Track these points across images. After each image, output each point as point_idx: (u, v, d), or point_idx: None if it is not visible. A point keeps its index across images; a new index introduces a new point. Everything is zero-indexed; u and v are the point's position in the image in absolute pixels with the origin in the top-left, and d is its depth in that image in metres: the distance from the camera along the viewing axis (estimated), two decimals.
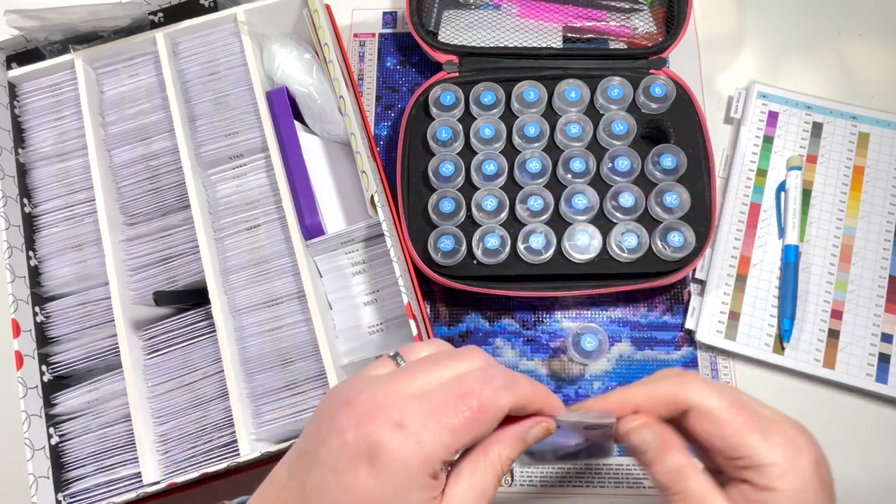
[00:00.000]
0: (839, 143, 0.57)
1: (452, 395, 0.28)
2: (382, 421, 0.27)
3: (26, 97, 0.54)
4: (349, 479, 0.27)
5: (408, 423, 0.27)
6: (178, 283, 0.50)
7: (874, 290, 0.53)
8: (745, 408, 0.32)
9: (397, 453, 0.27)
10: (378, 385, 0.29)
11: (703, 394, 0.32)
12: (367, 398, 0.28)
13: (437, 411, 0.28)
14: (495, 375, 0.30)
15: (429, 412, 0.28)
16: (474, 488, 0.29)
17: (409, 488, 0.27)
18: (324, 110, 0.53)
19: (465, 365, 0.31)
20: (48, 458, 0.46)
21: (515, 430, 0.31)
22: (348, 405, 0.28)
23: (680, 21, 0.57)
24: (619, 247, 0.51)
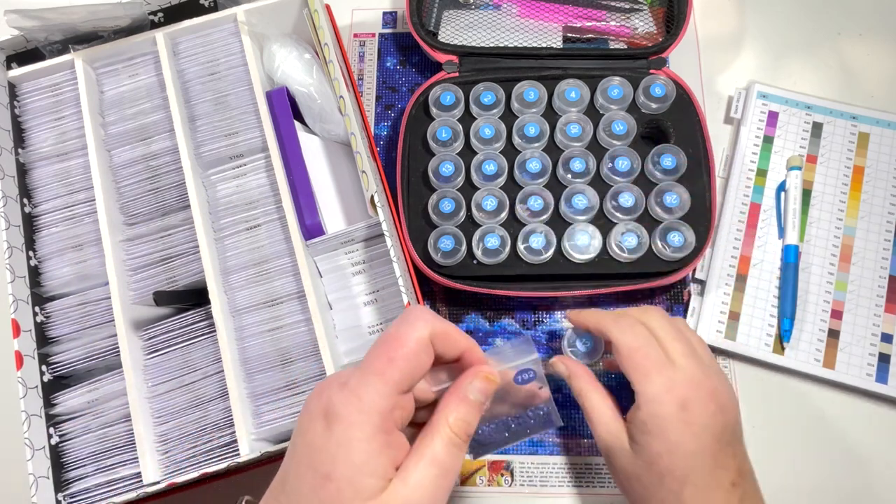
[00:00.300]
0: (839, 143, 0.57)
1: (376, 344, 0.33)
2: (331, 384, 0.32)
3: (26, 97, 0.54)
4: (309, 436, 0.31)
5: (349, 381, 0.31)
6: (178, 283, 0.50)
7: (874, 290, 0.53)
8: (642, 351, 0.42)
9: (340, 406, 0.31)
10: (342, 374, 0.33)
11: (617, 333, 0.43)
12: (332, 377, 0.33)
13: (367, 363, 0.32)
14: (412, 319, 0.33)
15: (364, 366, 0.32)
16: (433, 461, 0.32)
17: (353, 438, 0.30)
18: (324, 110, 0.53)
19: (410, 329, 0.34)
20: (48, 458, 0.46)
21: (455, 391, 0.34)
22: (317, 386, 0.33)
23: (680, 21, 0.57)
24: (619, 247, 0.51)
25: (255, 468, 0.50)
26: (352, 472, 0.30)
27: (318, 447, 0.31)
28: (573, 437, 0.53)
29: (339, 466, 0.30)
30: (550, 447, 0.52)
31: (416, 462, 0.31)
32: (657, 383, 0.41)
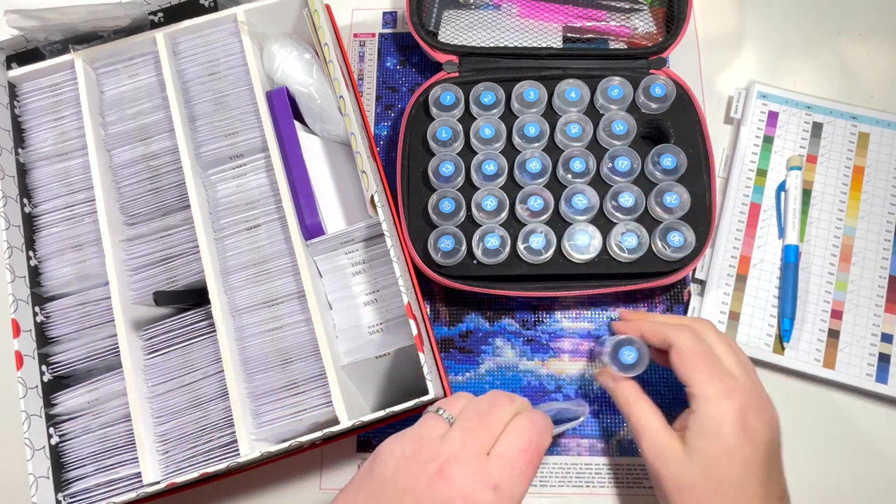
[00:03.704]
0: (839, 143, 0.57)
1: (521, 449, 0.36)
2: (482, 487, 0.33)
3: (26, 97, 0.54)
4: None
5: (501, 485, 0.34)
6: (178, 283, 0.50)
7: (874, 290, 0.53)
8: (706, 357, 0.42)
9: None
10: (455, 451, 0.35)
11: (682, 338, 0.43)
12: (459, 469, 0.34)
13: (515, 467, 0.35)
14: (534, 420, 0.38)
15: (511, 469, 0.35)
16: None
17: None
18: (324, 110, 0.53)
19: (507, 411, 0.37)
20: (48, 458, 0.46)
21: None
22: (445, 477, 0.33)
23: (680, 21, 0.57)
24: (619, 247, 0.51)
25: (255, 468, 0.50)
26: None
27: None
28: (573, 438, 0.53)
29: None
30: (550, 447, 0.52)
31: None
32: (717, 387, 0.41)
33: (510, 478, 0.34)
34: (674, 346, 0.43)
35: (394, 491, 0.34)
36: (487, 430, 0.36)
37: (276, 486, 0.53)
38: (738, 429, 0.40)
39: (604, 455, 0.52)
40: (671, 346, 0.44)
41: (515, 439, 0.36)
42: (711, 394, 0.41)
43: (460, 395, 0.40)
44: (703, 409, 0.41)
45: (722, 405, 0.40)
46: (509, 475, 0.34)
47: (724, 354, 0.43)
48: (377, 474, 0.36)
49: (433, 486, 0.33)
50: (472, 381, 0.55)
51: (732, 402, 0.40)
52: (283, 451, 0.44)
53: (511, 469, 0.35)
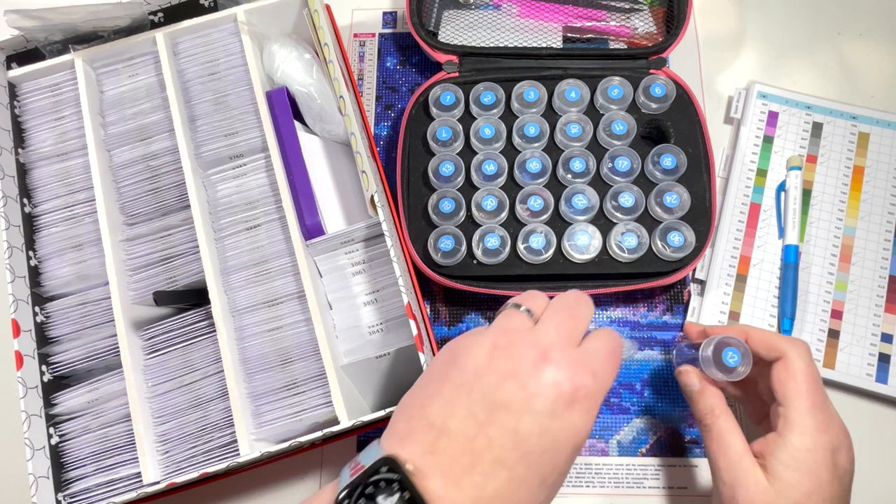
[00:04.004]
0: (839, 143, 0.57)
1: (608, 351, 0.36)
2: (585, 372, 0.34)
3: (26, 97, 0.54)
4: (566, 420, 0.33)
5: (597, 373, 0.34)
6: (178, 283, 0.50)
7: (874, 290, 0.53)
8: (815, 382, 0.40)
9: (596, 396, 0.34)
10: (553, 340, 0.35)
11: (797, 354, 0.41)
12: (560, 354, 0.34)
13: (606, 362, 0.35)
14: (612, 331, 0.38)
15: (602, 362, 0.35)
16: None
17: (593, 419, 0.34)
18: (324, 110, 0.53)
19: (590, 311, 0.38)
20: (48, 458, 0.46)
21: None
22: (550, 361, 0.33)
23: (680, 21, 0.57)
24: (619, 247, 0.51)
25: (255, 468, 0.50)
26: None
27: (578, 429, 0.33)
28: None
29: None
30: None
31: None
32: (818, 418, 0.39)
33: (603, 369, 0.35)
34: (786, 359, 0.40)
35: (493, 377, 0.33)
36: (578, 325, 0.36)
37: (276, 486, 0.53)
38: (831, 466, 0.38)
39: (604, 455, 0.52)
40: (781, 358, 0.41)
41: (602, 343, 0.36)
42: (810, 424, 0.38)
43: (534, 292, 0.39)
44: (798, 440, 0.38)
45: (819, 439, 0.38)
46: (602, 367, 0.35)
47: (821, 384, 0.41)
48: (466, 365, 0.34)
49: (538, 369, 0.33)
50: None
51: (829, 438, 0.38)
52: (283, 451, 0.44)
53: (603, 363, 0.35)
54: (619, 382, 0.54)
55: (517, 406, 0.32)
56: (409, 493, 0.30)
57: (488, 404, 0.33)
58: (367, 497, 0.30)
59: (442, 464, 0.31)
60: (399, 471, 0.31)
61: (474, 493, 0.31)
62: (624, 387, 0.54)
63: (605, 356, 0.35)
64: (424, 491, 0.30)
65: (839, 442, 0.39)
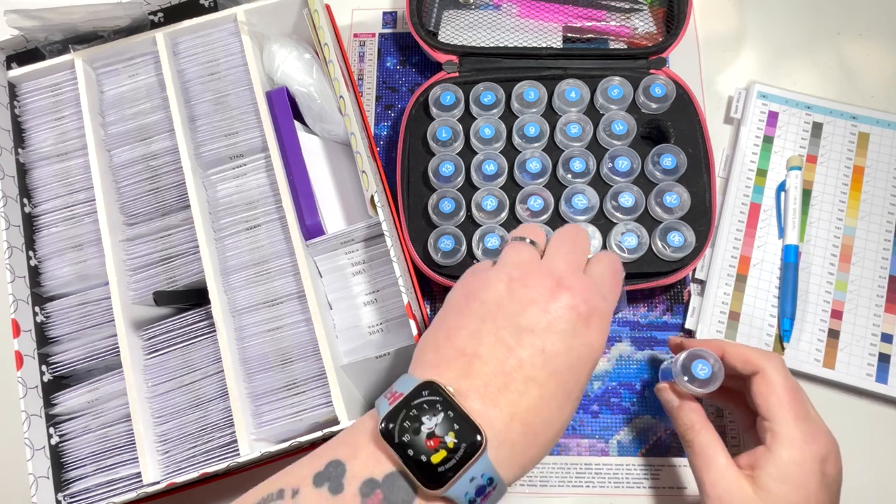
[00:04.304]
0: (839, 143, 0.57)
1: (610, 273, 0.39)
2: (597, 296, 0.36)
3: (26, 97, 0.54)
4: (585, 337, 0.35)
5: (606, 294, 0.37)
6: (178, 283, 0.50)
7: (874, 290, 0.53)
8: (795, 395, 0.41)
9: (608, 313, 0.37)
10: (563, 268, 0.37)
11: (774, 368, 0.41)
12: (574, 280, 0.36)
13: (612, 285, 0.38)
14: (611, 255, 0.40)
15: (608, 285, 0.38)
16: None
17: (607, 326, 0.37)
18: (324, 110, 0.53)
19: (588, 238, 0.40)
20: (48, 458, 0.46)
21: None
22: (566, 287, 0.36)
23: (680, 21, 0.57)
24: (619, 247, 0.51)
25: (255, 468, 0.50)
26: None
27: (595, 345, 0.36)
28: (573, 437, 0.53)
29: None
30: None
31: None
32: (803, 430, 0.39)
33: (610, 292, 0.38)
34: (763, 374, 0.41)
35: (515, 306, 0.35)
36: (581, 254, 0.39)
37: None
38: (820, 475, 0.38)
39: (603, 455, 0.52)
40: (759, 373, 0.41)
41: (605, 265, 0.39)
42: (797, 437, 0.39)
43: (533, 224, 0.42)
44: (786, 453, 0.39)
45: (806, 451, 0.39)
46: (609, 288, 0.38)
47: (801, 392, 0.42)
48: (486, 298, 0.36)
49: (556, 295, 0.35)
50: None
51: (816, 449, 0.39)
52: (283, 451, 0.44)
53: (609, 286, 0.38)
54: (619, 382, 0.54)
55: (542, 328, 0.35)
56: (452, 412, 0.32)
57: (515, 329, 0.35)
58: (412, 419, 0.32)
59: (478, 385, 0.33)
60: (441, 393, 0.33)
61: (510, 409, 0.33)
62: (624, 386, 0.54)
63: (609, 278, 0.39)
64: (466, 410, 0.32)
65: (826, 450, 0.39)
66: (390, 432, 0.32)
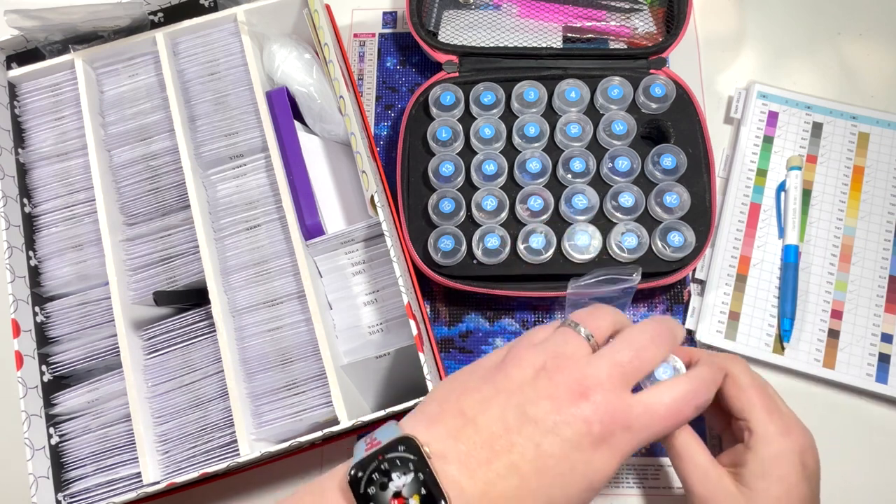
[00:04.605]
0: (839, 143, 0.57)
1: (667, 409, 0.35)
2: (620, 424, 0.34)
3: (26, 97, 0.54)
4: (588, 456, 0.33)
5: (634, 427, 0.34)
6: (178, 283, 0.50)
7: (874, 290, 0.53)
8: (764, 392, 0.41)
9: (626, 447, 0.34)
10: (601, 381, 0.34)
11: (741, 370, 0.41)
12: (602, 397, 0.34)
13: (653, 423, 0.35)
14: (699, 386, 0.37)
15: (648, 421, 0.35)
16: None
17: (618, 468, 0.34)
18: (324, 110, 0.53)
19: (666, 351, 0.37)
20: (48, 458, 0.46)
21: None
22: (588, 400, 0.34)
23: (680, 21, 0.57)
24: (619, 247, 0.51)
25: (255, 468, 0.50)
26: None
27: (597, 468, 0.34)
28: None
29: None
30: None
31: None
32: (777, 424, 0.39)
33: (644, 427, 0.35)
34: (731, 376, 0.41)
35: (532, 393, 0.34)
36: (639, 369, 0.36)
37: (276, 486, 0.53)
38: (799, 468, 0.38)
39: None
40: (727, 376, 0.41)
41: (668, 400, 0.35)
42: (772, 432, 0.39)
43: (603, 310, 0.38)
44: (764, 449, 0.39)
45: (783, 444, 0.39)
46: (645, 425, 0.35)
47: (770, 391, 0.42)
48: (512, 375, 0.35)
49: (575, 401, 0.34)
50: None
51: (792, 441, 0.39)
52: (283, 451, 0.44)
53: (650, 422, 0.35)
54: None
55: (546, 425, 0.33)
56: (423, 474, 0.31)
57: (521, 414, 0.34)
58: (381, 472, 0.31)
59: (461, 451, 0.33)
60: (416, 452, 0.32)
61: (484, 487, 0.32)
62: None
63: (657, 416, 0.35)
64: (439, 473, 0.31)
65: (803, 443, 0.39)
66: (357, 481, 0.31)
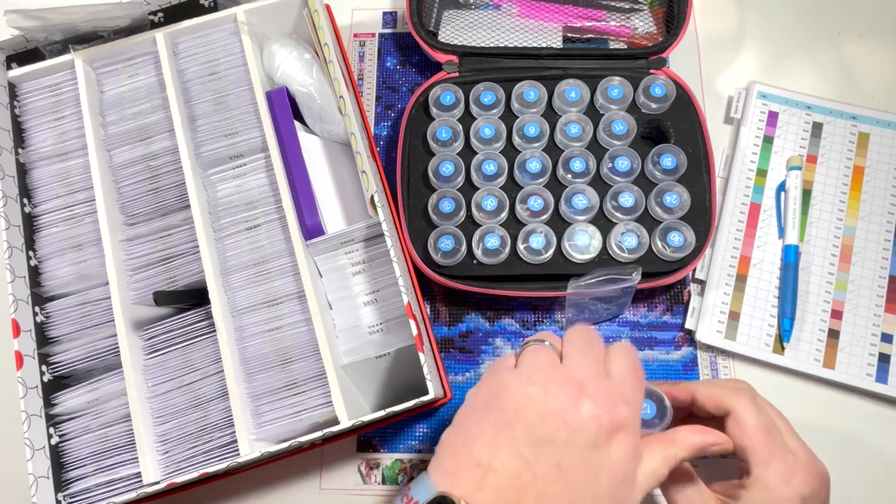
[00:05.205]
0: (839, 143, 0.57)
1: (630, 369, 0.37)
2: (621, 402, 0.35)
3: (26, 97, 0.54)
4: (605, 450, 0.34)
5: (629, 400, 0.36)
6: (178, 283, 0.50)
7: (874, 290, 0.53)
8: (768, 431, 0.39)
9: (634, 422, 0.35)
10: (585, 374, 0.36)
11: (744, 407, 0.40)
12: (596, 388, 0.35)
13: (633, 384, 0.37)
14: (625, 345, 0.39)
15: (630, 385, 0.37)
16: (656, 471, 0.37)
17: (636, 445, 0.35)
18: (324, 110, 0.53)
19: (597, 339, 0.39)
20: (48, 458, 0.46)
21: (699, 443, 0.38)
22: (588, 395, 0.35)
23: (680, 21, 0.57)
24: (619, 247, 0.51)
25: (255, 468, 0.50)
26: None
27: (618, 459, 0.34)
28: None
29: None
30: None
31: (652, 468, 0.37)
32: (778, 470, 0.38)
33: (633, 393, 0.36)
34: (734, 415, 0.40)
35: (534, 415, 0.35)
36: (598, 352, 0.38)
37: (276, 486, 0.53)
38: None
39: None
40: (730, 414, 0.40)
41: (623, 362, 0.37)
42: (771, 479, 0.38)
43: (545, 332, 0.41)
44: (759, 494, 0.38)
45: (781, 493, 0.38)
46: (632, 391, 0.36)
47: (777, 421, 0.41)
48: (504, 404, 0.36)
49: (577, 404, 0.34)
50: (473, 381, 0.55)
51: (792, 489, 0.38)
52: (283, 451, 0.44)
53: (631, 386, 0.37)
54: None
55: (560, 441, 0.34)
56: None
57: (532, 441, 0.34)
58: None
59: (490, 500, 0.33)
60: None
61: None
62: None
63: (632, 379, 0.37)
64: None
65: (807, 489, 0.38)
66: None
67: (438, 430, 0.54)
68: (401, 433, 0.54)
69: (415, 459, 0.53)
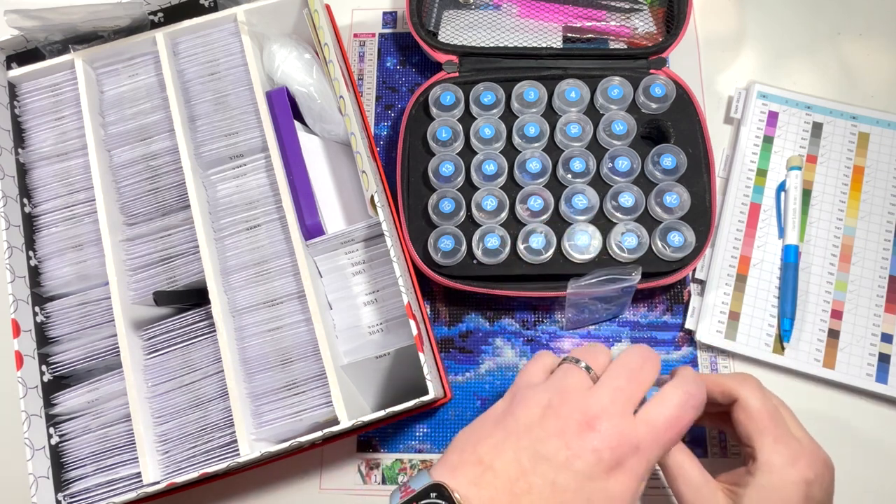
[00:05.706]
0: (839, 143, 0.57)
1: (668, 421, 0.36)
2: (627, 445, 0.35)
3: (26, 97, 0.54)
4: (603, 484, 0.35)
5: (642, 447, 0.35)
6: (178, 283, 0.50)
7: (874, 290, 0.53)
8: (773, 417, 0.41)
9: (640, 468, 0.35)
10: (604, 407, 0.36)
11: (750, 394, 0.41)
12: (608, 423, 0.35)
13: (659, 436, 0.36)
14: (689, 392, 0.38)
15: (654, 437, 0.36)
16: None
17: (637, 490, 0.35)
18: (324, 110, 0.53)
19: (655, 372, 0.38)
20: (48, 458, 0.46)
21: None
22: (594, 429, 0.35)
23: (680, 21, 0.57)
24: (619, 247, 0.51)
25: (255, 468, 0.50)
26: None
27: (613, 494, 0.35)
28: None
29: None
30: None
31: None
32: (784, 453, 0.39)
33: (651, 444, 0.36)
34: (741, 401, 0.41)
35: (541, 433, 0.36)
36: (637, 390, 0.37)
37: (276, 486, 0.53)
38: (803, 498, 0.38)
39: None
40: (737, 401, 0.42)
41: (665, 410, 0.37)
42: (776, 462, 0.39)
43: (598, 347, 0.40)
44: (766, 478, 0.39)
45: (787, 475, 0.39)
46: (652, 441, 0.36)
47: (782, 409, 0.42)
48: (520, 417, 0.37)
49: (583, 434, 0.35)
50: (472, 381, 0.55)
51: (798, 472, 0.39)
52: (283, 451, 0.44)
53: (655, 437, 0.36)
54: None
55: (559, 462, 0.35)
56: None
57: (533, 454, 0.35)
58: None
59: (483, 497, 0.34)
60: (448, 497, 0.34)
61: None
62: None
63: (660, 429, 0.36)
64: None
65: (812, 473, 0.39)
66: None
67: (438, 430, 0.54)
68: (401, 433, 0.54)
69: (415, 459, 0.53)
